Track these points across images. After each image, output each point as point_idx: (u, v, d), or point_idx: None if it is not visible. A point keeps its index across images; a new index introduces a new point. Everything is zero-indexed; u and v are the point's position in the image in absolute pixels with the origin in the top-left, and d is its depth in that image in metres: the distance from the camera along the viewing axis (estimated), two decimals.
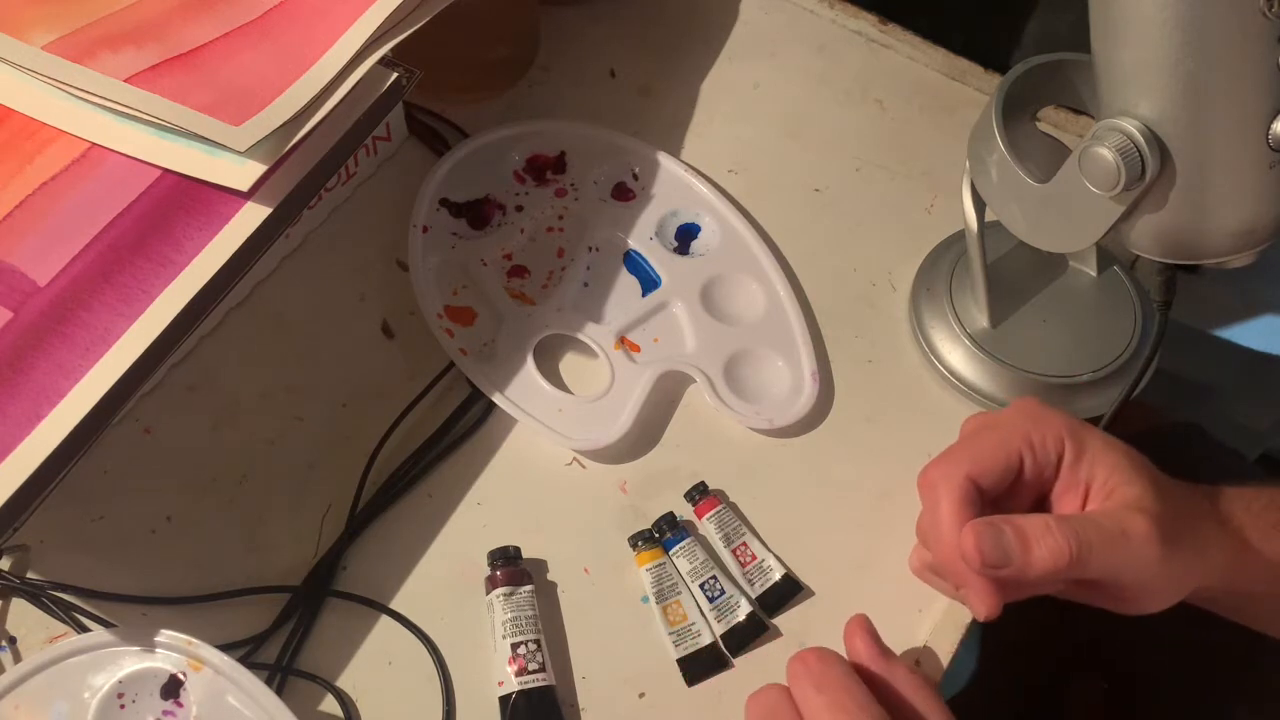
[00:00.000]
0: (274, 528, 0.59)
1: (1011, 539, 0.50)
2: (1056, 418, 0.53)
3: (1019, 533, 0.50)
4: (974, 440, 0.53)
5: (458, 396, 0.62)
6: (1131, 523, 0.50)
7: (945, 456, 0.53)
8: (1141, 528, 0.50)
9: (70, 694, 0.51)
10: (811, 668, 0.49)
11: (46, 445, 0.47)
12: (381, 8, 0.57)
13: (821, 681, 0.49)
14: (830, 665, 0.49)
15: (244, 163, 0.53)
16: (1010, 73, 0.59)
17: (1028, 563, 0.49)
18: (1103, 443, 0.53)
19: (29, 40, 0.55)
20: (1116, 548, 0.50)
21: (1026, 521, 0.50)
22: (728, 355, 0.64)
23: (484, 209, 0.68)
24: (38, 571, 0.56)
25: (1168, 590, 0.52)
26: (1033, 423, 0.53)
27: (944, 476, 0.52)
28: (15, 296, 0.51)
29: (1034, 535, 0.50)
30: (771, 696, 0.50)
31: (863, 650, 0.52)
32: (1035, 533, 0.50)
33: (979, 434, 0.54)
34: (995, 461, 0.52)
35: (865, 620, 0.53)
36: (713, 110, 0.74)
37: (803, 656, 0.50)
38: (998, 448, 0.52)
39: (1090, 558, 0.49)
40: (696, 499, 0.60)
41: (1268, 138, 0.49)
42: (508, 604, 0.56)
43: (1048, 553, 0.49)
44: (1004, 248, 0.66)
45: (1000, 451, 0.52)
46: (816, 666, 0.49)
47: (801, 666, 0.50)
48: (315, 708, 0.54)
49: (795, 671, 0.50)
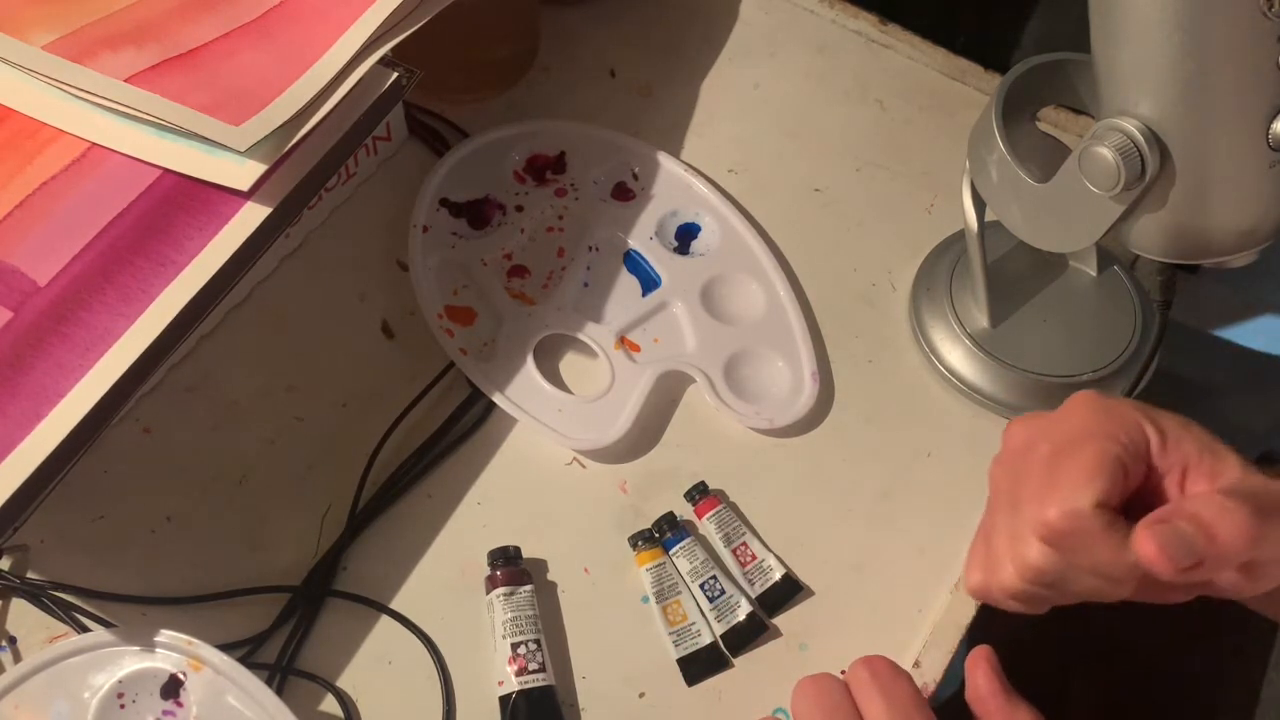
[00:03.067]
0: (274, 528, 0.59)
1: (1191, 531, 0.44)
2: (1127, 407, 0.48)
3: (1196, 522, 0.44)
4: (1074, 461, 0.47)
5: (458, 396, 0.62)
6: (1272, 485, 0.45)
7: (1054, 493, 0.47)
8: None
9: (70, 694, 0.51)
10: (880, 674, 0.48)
11: (46, 445, 0.47)
12: (381, 8, 0.57)
13: (892, 692, 0.47)
14: (901, 678, 0.48)
15: (244, 162, 0.53)
16: (1010, 73, 0.59)
17: (1218, 553, 0.43)
18: (1179, 422, 0.48)
19: (29, 40, 0.55)
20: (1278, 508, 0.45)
21: (1197, 506, 0.44)
22: (728, 355, 0.64)
23: (484, 209, 0.68)
24: (38, 571, 0.56)
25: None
26: (1109, 419, 0.48)
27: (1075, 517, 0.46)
28: (15, 296, 0.51)
29: (1213, 520, 0.43)
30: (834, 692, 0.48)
31: (983, 685, 0.49)
32: (1213, 515, 0.44)
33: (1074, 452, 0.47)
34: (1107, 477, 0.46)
35: (990, 653, 0.49)
36: (713, 110, 0.74)
37: (871, 663, 0.48)
38: (1102, 461, 0.46)
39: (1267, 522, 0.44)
40: (696, 499, 0.60)
41: (1268, 138, 0.49)
42: (508, 604, 0.56)
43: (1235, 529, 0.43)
44: (1004, 248, 0.66)
45: (1105, 463, 0.46)
46: (886, 676, 0.47)
47: (869, 673, 0.48)
48: (315, 708, 0.54)
49: (861, 676, 0.48)
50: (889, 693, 0.47)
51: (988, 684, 0.48)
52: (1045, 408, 0.63)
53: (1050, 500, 0.47)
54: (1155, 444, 0.48)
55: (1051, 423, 0.50)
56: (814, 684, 0.48)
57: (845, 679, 0.48)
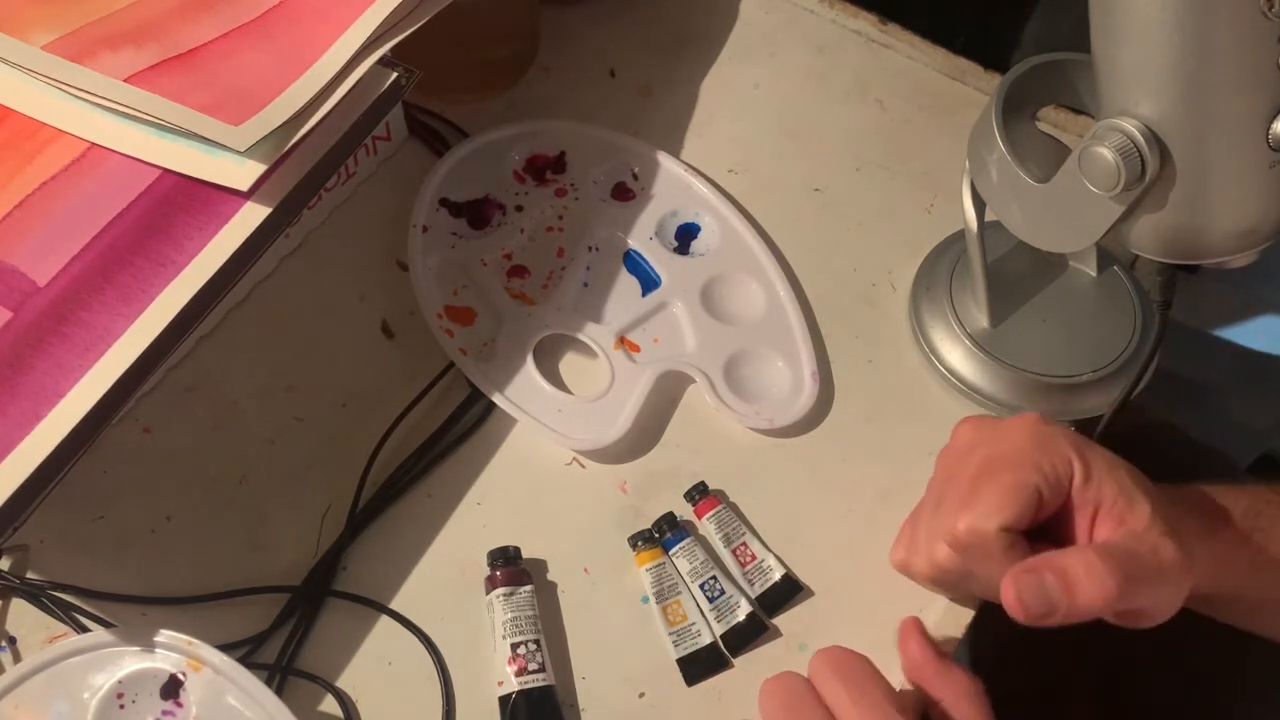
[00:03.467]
0: (274, 528, 0.59)
1: (1054, 585, 0.48)
2: (1061, 440, 0.52)
3: (1061, 577, 0.48)
4: (993, 483, 0.51)
5: (458, 396, 0.62)
6: (1164, 549, 0.49)
7: (966, 509, 0.51)
8: (1173, 553, 0.49)
9: (70, 694, 0.51)
10: (837, 659, 0.50)
11: (46, 445, 0.47)
12: (381, 8, 0.57)
13: (848, 673, 0.49)
14: (857, 659, 0.50)
15: (244, 162, 0.53)
16: (1010, 73, 0.59)
17: (1073, 608, 0.48)
18: (1107, 462, 0.52)
19: (29, 40, 0.55)
20: (1155, 578, 0.49)
21: (1068, 561, 0.48)
22: (728, 355, 0.64)
23: (484, 209, 0.68)
24: (38, 571, 0.56)
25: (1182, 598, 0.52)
26: (1041, 450, 0.52)
27: (979, 535, 0.50)
28: (15, 296, 0.51)
29: (1077, 577, 0.48)
30: (792, 683, 0.50)
31: (916, 652, 0.52)
32: (1079, 574, 0.48)
33: (995, 474, 0.52)
34: (1019, 504, 0.50)
35: (917, 622, 0.53)
36: (713, 110, 0.74)
37: (828, 652, 0.50)
38: (1018, 488, 0.50)
39: (1132, 590, 0.48)
40: (696, 499, 0.60)
41: (1268, 138, 0.49)
42: (508, 604, 0.56)
43: (1094, 591, 0.48)
44: (1004, 248, 0.66)
45: (1021, 491, 0.50)
46: (841, 658, 0.50)
47: (826, 658, 0.50)
48: (315, 708, 0.54)
49: (820, 665, 0.50)
50: (847, 675, 0.49)
51: (921, 652, 0.52)
52: (1045, 408, 0.63)
53: (963, 514, 0.51)
54: (1078, 479, 0.51)
55: (992, 434, 0.54)
56: (776, 681, 0.50)
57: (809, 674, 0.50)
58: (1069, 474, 0.51)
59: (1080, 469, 0.51)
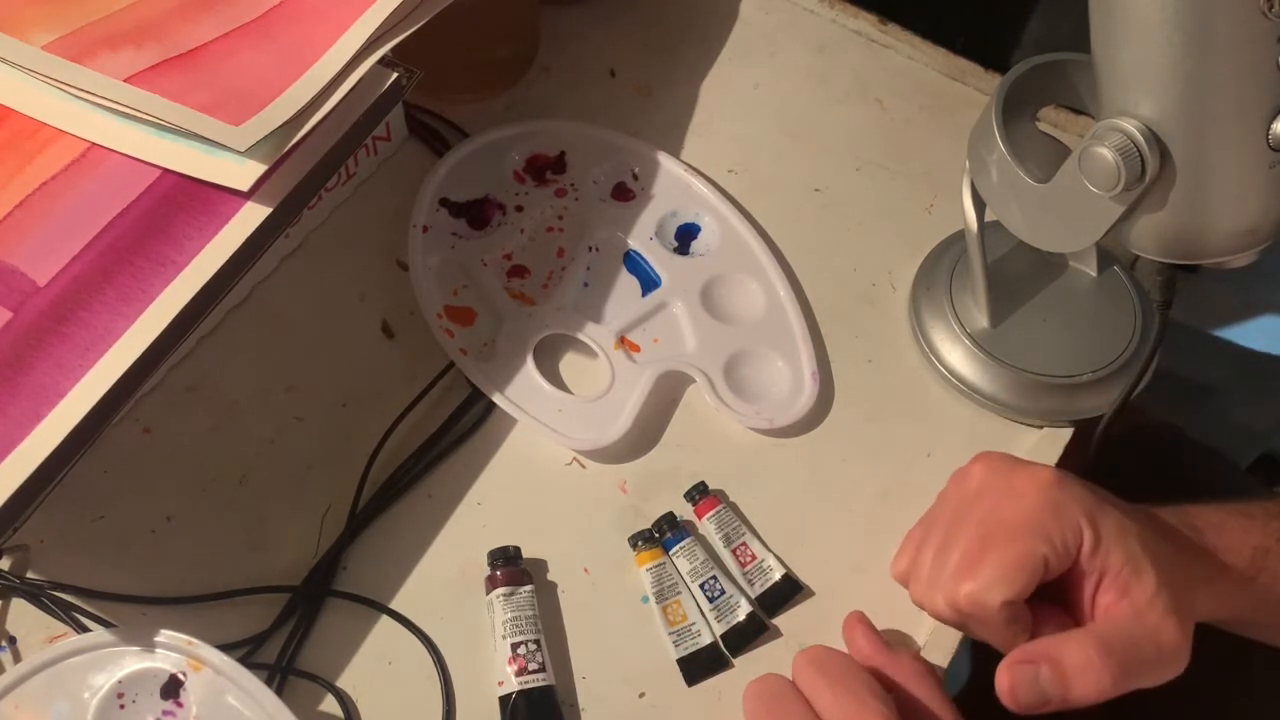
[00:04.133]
0: (274, 528, 0.59)
1: (1049, 680, 0.49)
2: (1075, 506, 0.52)
3: (1057, 670, 0.49)
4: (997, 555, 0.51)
5: (458, 396, 0.62)
6: (1164, 632, 0.50)
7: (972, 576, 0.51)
8: (1173, 636, 0.50)
9: (70, 694, 0.51)
10: (816, 655, 0.50)
11: (46, 445, 0.47)
12: (381, 8, 0.57)
13: (826, 666, 0.50)
14: (835, 654, 0.50)
15: (244, 162, 0.53)
16: (1010, 73, 0.59)
17: (1067, 700, 0.49)
18: (1118, 528, 0.52)
19: (29, 40, 0.55)
20: (1153, 665, 0.50)
21: (1065, 654, 0.49)
22: (728, 355, 0.64)
23: (484, 209, 0.68)
24: (38, 571, 0.56)
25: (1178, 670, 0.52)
26: (1053, 518, 0.51)
27: (983, 607, 0.50)
28: (15, 296, 0.51)
29: (1074, 671, 0.49)
30: (773, 683, 0.50)
31: (864, 644, 0.53)
32: (1076, 667, 0.49)
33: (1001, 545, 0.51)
34: (1025, 577, 0.50)
35: (862, 616, 0.54)
36: (713, 110, 0.74)
37: (808, 651, 0.51)
38: (1025, 561, 0.50)
39: (1128, 682, 0.49)
40: (696, 499, 0.60)
41: (1268, 138, 0.49)
42: (508, 604, 0.56)
43: (1090, 687, 0.49)
44: (1004, 248, 0.66)
45: (1028, 564, 0.50)
46: (821, 654, 0.50)
47: (806, 656, 0.51)
48: (315, 708, 0.54)
49: (800, 663, 0.51)
50: (825, 670, 0.49)
51: (869, 644, 0.53)
52: (1045, 408, 0.63)
53: (966, 581, 0.51)
54: (1088, 547, 0.51)
55: (1007, 487, 0.53)
56: (759, 683, 0.51)
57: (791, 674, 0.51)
58: (1078, 542, 0.51)
59: (1090, 537, 0.51)
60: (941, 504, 0.57)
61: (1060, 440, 0.64)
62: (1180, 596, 0.51)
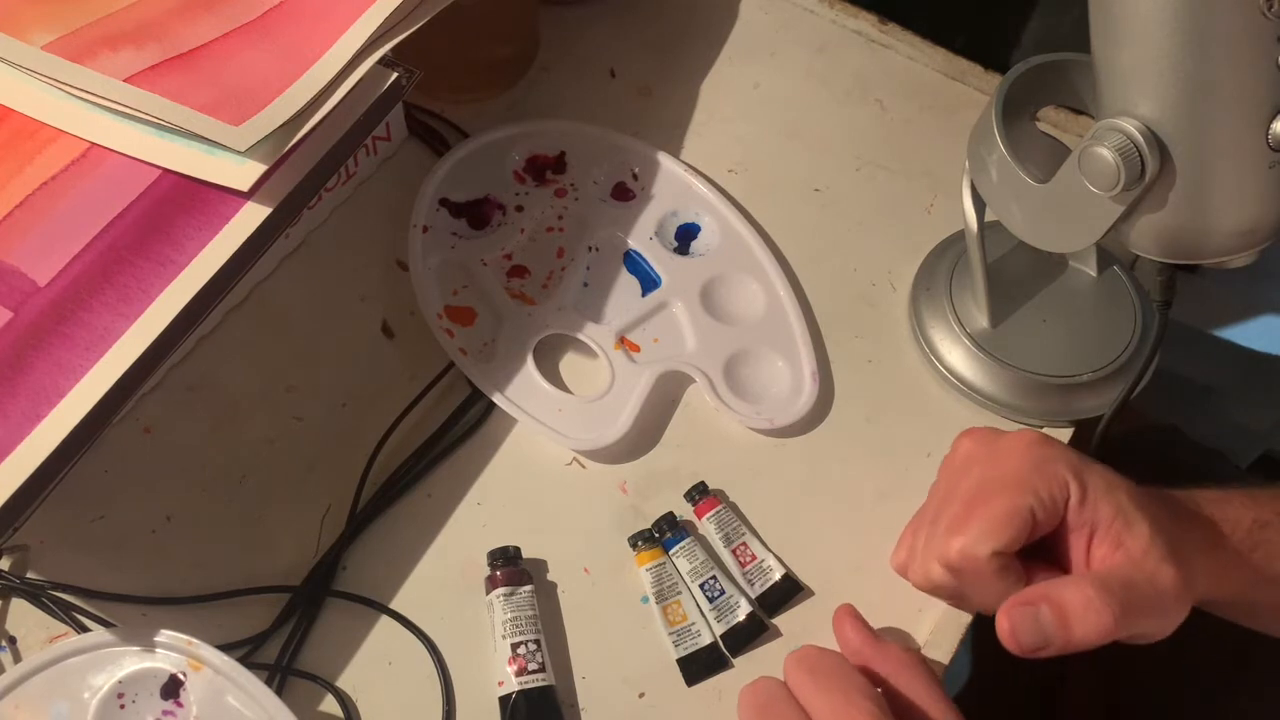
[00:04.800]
0: (274, 528, 0.59)
1: (1050, 619, 0.49)
2: (1059, 461, 0.53)
3: (1058, 612, 0.49)
4: (984, 509, 0.52)
5: (458, 396, 0.62)
6: (1162, 576, 0.50)
7: (959, 532, 0.52)
8: (1170, 580, 0.50)
9: (70, 694, 0.51)
10: (806, 656, 0.50)
11: (46, 445, 0.47)
12: (381, 8, 0.57)
13: (816, 667, 0.50)
14: (825, 654, 0.51)
15: (244, 163, 0.53)
16: (1010, 73, 0.59)
17: (1069, 640, 0.49)
18: (1105, 483, 0.52)
19: (29, 40, 0.55)
20: (1153, 607, 0.50)
21: (1065, 595, 0.49)
22: (728, 355, 0.64)
23: (484, 209, 0.68)
24: (38, 571, 0.56)
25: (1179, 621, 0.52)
26: (1037, 472, 0.52)
27: (971, 559, 0.51)
28: (15, 296, 0.51)
29: (1074, 612, 0.49)
30: (766, 687, 0.51)
31: (852, 637, 0.53)
32: (1076, 609, 0.49)
33: (990, 498, 0.52)
34: (1013, 529, 0.51)
35: (851, 608, 0.54)
36: (713, 110, 0.74)
37: (798, 652, 0.51)
38: (1012, 513, 0.51)
39: (1130, 622, 0.49)
40: (696, 499, 0.60)
41: (1268, 138, 0.49)
42: (508, 604, 0.56)
43: (1091, 626, 0.49)
44: (1004, 248, 0.66)
45: (1015, 516, 0.51)
46: (811, 655, 0.50)
47: (796, 657, 0.51)
48: (315, 708, 0.54)
49: (791, 664, 0.51)
50: (815, 670, 0.50)
51: (857, 636, 0.53)
52: (1045, 408, 0.63)
53: (956, 537, 0.52)
54: (1074, 501, 0.52)
55: (991, 451, 0.55)
56: (751, 687, 0.51)
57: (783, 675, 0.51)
58: (1064, 496, 0.52)
59: (1076, 490, 0.52)
60: (933, 490, 0.58)
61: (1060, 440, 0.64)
62: (1176, 548, 0.51)
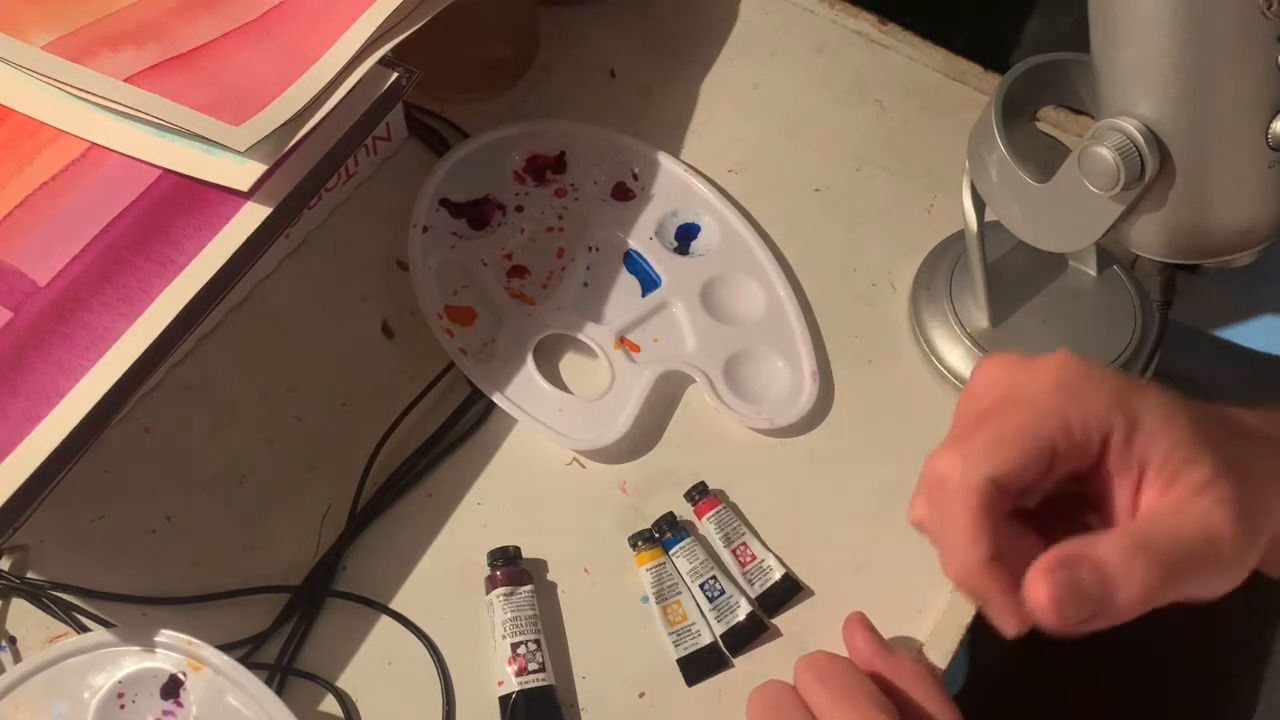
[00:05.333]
0: (274, 528, 0.59)
1: (1092, 583, 0.40)
2: (1102, 390, 0.43)
3: (1100, 573, 0.40)
4: (998, 423, 0.42)
5: (458, 396, 0.62)
6: (1216, 523, 0.41)
7: (960, 444, 0.43)
8: (1227, 525, 0.41)
9: (70, 694, 0.51)
10: (818, 664, 0.50)
11: (46, 445, 0.48)
12: (381, 8, 0.57)
13: (828, 676, 0.49)
14: (837, 662, 0.50)
15: (244, 163, 0.53)
16: (1010, 73, 0.59)
17: (1114, 608, 0.40)
18: (1161, 415, 0.43)
19: (29, 40, 0.55)
20: (1204, 561, 0.41)
21: (1103, 552, 0.40)
22: (728, 355, 0.64)
23: (484, 209, 0.68)
24: (38, 571, 0.56)
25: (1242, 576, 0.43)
26: (1071, 399, 0.42)
27: (959, 476, 0.42)
28: (15, 296, 0.51)
29: (1117, 572, 0.40)
30: (776, 691, 0.50)
31: (863, 646, 0.52)
32: (1119, 569, 0.40)
33: (1005, 413, 0.43)
34: (1023, 455, 0.42)
35: (863, 617, 0.53)
36: (713, 110, 0.74)
37: (809, 656, 0.51)
38: (1026, 437, 0.42)
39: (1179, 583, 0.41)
40: (696, 499, 0.60)
41: (1268, 137, 0.49)
42: (508, 604, 0.56)
43: (1136, 590, 0.40)
44: (1004, 248, 0.66)
45: (1029, 440, 0.42)
46: (822, 662, 0.50)
47: (808, 664, 0.50)
48: (315, 708, 0.54)
49: (801, 669, 0.50)
50: (827, 679, 0.49)
51: (868, 645, 0.51)
52: None
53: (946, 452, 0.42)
54: (1120, 435, 0.42)
55: (1020, 371, 0.45)
56: (761, 691, 0.51)
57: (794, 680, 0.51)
58: (1103, 430, 0.42)
59: (1122, 424, 0.42)
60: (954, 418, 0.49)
61: None
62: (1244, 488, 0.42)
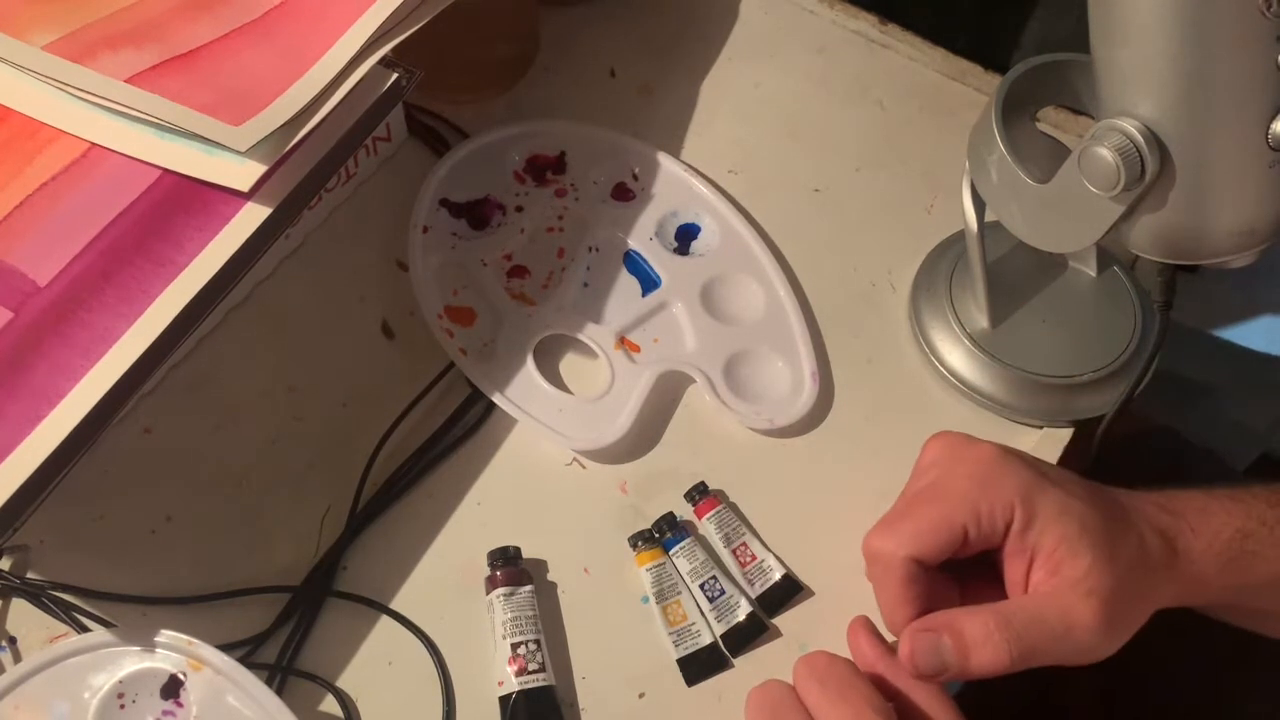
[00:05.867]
0: (274, 528, 0.59)
1: (950, 648, 0.50)
2: (1009, 483, 0.52)
3: (958, 640, 0.50)
4: (923, 511, 0.53)
5: (458, 397, 0.62)
6: (1077, 612, 0.50)
7: (887, 528, 0.53)
8: (1087, 617, 0.50)
9: (70, 694, 0.51)
10: (816, 665, 0.50)
11: (46, 446, 0.47)
12: (381, 8, 0.57)
13: (826, 677, 0.49)
14: (836, 663, 0.50)
15: (244, 163, 0.53)
16: (1010, 73, 0.59)
17: (966, 670, 0.50)
18: (1056, 509, 0.51)
19: (29, 40, 0.55)
20: (1059, 643, 0.50)
21: (967, 625, 0.50)
22: (728, 355, 0.64)
23: (484, 209, 0.68)
24: (38, 571, 0.56)
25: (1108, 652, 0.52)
26: (982, 491, 0.52)
27: (885, 556, 0.52)
28: (15, 296, 0.51)
29: (974, 643, 0.50)
30: (775, 691, 0.50)
31: (867, 650, 0.52)
32: (975, 639, 0.50)
33: (929, 501, 0.53)
34: (937, 541, 0.52)
35: (867, 620, 0.54)
36: (713, 110, 0.74)
37: (808, 656, 0.51)
38: (940, 525, 0.52)
39: (1032, 658, 0.50)
40: (696, 499, 0.60)
41: (1268, 137, 0.49)
42: (508, 604, 0.56)
43: (987, 660, 0.49)
44: (1004, 248, 0.66)
45: (943, 528, 0.52)
46: (822, 662, 0.50)
47: (806, 665, 0.50)
48: (315, 708, 0.54)
49: (800, 669, 0.50)
50: (826, 680, 0.49)
51: (871, 649, 0.52)
52: (1045, 408, 0.63)
53: (879, 531, 0.53)
54: (1019, 524, 0.52)
55: (951, 459, 0.55)
56: (760, 690, 0.51)
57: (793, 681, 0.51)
58: (1007, 519, 0.52)
59: (1022, 515, 0.51)
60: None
61: (1060, 441, 0.64)
62: (1117, 580, 0.50)
